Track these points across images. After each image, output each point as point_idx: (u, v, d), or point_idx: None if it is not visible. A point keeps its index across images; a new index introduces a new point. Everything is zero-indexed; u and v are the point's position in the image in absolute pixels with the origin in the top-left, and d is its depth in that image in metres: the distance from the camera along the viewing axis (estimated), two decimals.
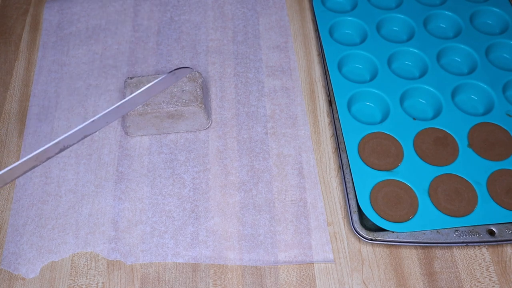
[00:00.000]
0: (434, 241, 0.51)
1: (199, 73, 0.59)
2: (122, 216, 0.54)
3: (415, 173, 0.56)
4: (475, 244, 0.52)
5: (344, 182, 0.56)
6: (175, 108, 0.57)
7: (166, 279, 0.51)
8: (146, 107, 0.56)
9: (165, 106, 0.57)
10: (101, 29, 0.70)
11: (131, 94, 0.57)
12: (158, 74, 0.60)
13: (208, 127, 0.61)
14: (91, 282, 0.51)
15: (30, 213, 0.55)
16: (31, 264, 0.51)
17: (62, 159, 0.58)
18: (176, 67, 0.59)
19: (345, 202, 0.55)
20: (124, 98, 0.55)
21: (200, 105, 0.57)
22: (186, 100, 0.57)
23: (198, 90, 0.58)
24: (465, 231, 0.52)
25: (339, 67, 0.65)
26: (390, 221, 0.52)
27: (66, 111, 0.62)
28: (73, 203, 0.55)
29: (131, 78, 0.59)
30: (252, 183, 0.57)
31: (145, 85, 0.52)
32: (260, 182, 0.57)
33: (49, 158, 0.44)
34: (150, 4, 0.73)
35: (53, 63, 0.67)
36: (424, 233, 0.52)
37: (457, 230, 0.52)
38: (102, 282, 0.51)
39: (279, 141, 0.60)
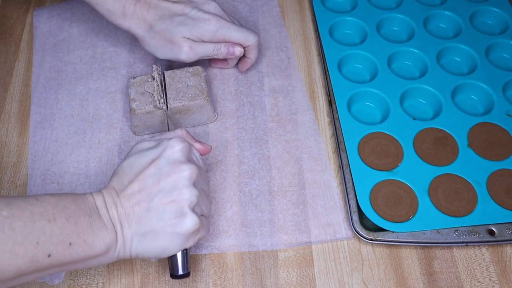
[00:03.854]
0: (434, 241, 0.51)
1: (201, 67, 0.60)
2: None
3: (415, 173, 0.56)
4: (475, 244, 0.52)
5: (344, 182, 0.56)
6: (182, 103, 0.57)
7: (166, 279, 0.51)
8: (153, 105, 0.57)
9: (172, 102, 0.57)
10: (94, 33, 0.70)
11: (135, 93, 0.57)
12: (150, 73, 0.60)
13: (215, 120, 0.61)
14: (91, 282, 0.50)
15: None
16: None
17: (72, 164, 0.58)
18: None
19: (345, 202, 0.55)
20: (128, 98, 0.56)
21: (206, 98, 0.58)
22: (192, 95, 0.58)
23: (202, 84, 0.59)
24: (465, 231, 0.52)
25: (339, 67, 0.65)
26: (390, 221, 0.52)
27: (69, 117, 0.62)
28: None
29: (134, 77, 0.59)
30: (265, 170, 0.58)
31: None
32: (273, 168, 0.58)
33: None
34: None
35: (50, 70, 0.66)
36: (424, 233, 0.52)
37: (457, 230, 0.52)
38: (102, 282, 0.51)
39: (286, 127, 0.61)
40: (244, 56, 0.63)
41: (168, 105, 0.57)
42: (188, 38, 0.57)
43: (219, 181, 0.57)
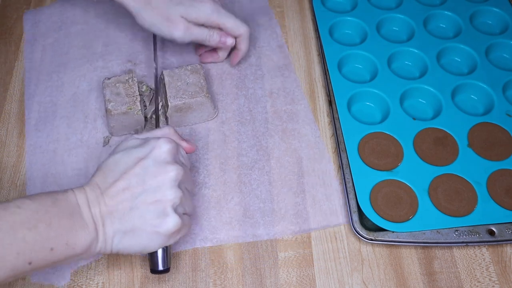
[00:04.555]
0: (434, 241, 0.51)
1: (200, 65, 0.61)
2: None
3: (415, 173, 0.56)
4: (475, 244, 0.52)
5: (344, 182, 0.56)
6: (183, 101, 0.57)
7: (166, 279, 0.51)
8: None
9: (172, 101, 0.57)
10: (84, 33, 0.69)
11: (110, 94, 0.57)
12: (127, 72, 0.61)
13: (215, 117, 0.62)
14: (91, 282, 0.50)
15: None
16: (60, 272, 0.50)
17: (70, 164, 0.57)
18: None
19: (345, 202, 0.55)
20: (104, 100, 0.57)
21: (207, 95, 0.58)
22: (192, 92, 0.58)
23: (202, 81, 0.59)
24: (465, 231, 0.52)
25: (339, 67, 0.65)
26: (390, 221, 0.52)
27: (65, 118, 0.61)
28: None
29: (109, 78, 0.59)
30: (264, 160, 0.58)
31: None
32: (271, 158, 0.58)
33: None
34: None
35: (41, 73, 0.65)
36: (424, 233, 0.52)
37: (457, 230, 0.52)
38: (102, 282, 0.51)
39: (281, 117, 0.62)
40: (235, 48, 0.63)
41: (169, 103, 0.57)
42: (185, 19, 0.58)
43: (219, 174, 0.57)
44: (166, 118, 0.60)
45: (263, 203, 0.55)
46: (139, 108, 0.57)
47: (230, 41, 0.61)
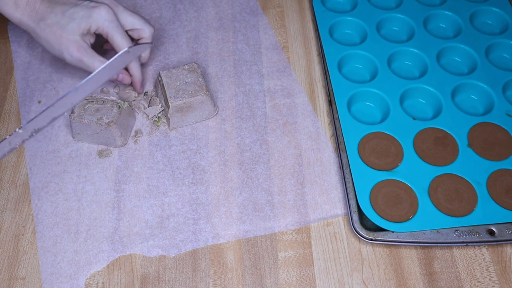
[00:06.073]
0: (434, 241, 0.51)
1: (197, 64, 0.61)
2: (151, 213, 0.55)
3: (415, 173, 0.56)
4: (475, 244, 0.52)
5: (344, 182, 0.56)
6: (183, 101, 0.58)
7: (166, 279, 0.51)
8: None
9: (172, 101, 0.57)
10: None
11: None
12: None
13: (215, 114, 0.62)
14: (91, 282, 0.50)
15: (57, 232, 0.53)
16: (74, 280, 0.50)
17: (74, 172, 0.57)
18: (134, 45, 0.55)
19: (345, 202, 0.55)
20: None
21: (206, 92, 0.59)
22: (192, 91, 0.58)
23: (200, 79, 0.59)
24: (465, 231, 0.52)
25: (339, 67, 0.65)
26: (390, 221, 0.52)
27: (63, 126, 0.61)
28: (98, 212, 0.54)
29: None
30: (268, 154, 0.59)
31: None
32: (275, 152, 0.59)
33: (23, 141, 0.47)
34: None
35: (34, 82, 0.65)
36: (424, 233, 0.52)
37: (457, 230, 0.52)
38: (102, 282, 0.51)
39: (281, 111, 0.62)
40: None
41: (169, 104, 0.57)
42: (80, 35, 0.55)
43: (225, 171, 0.57)
44: (168, 119, 0.60)
45: (271, 196, 0.56)
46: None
47: (125, 81, 0.60)
